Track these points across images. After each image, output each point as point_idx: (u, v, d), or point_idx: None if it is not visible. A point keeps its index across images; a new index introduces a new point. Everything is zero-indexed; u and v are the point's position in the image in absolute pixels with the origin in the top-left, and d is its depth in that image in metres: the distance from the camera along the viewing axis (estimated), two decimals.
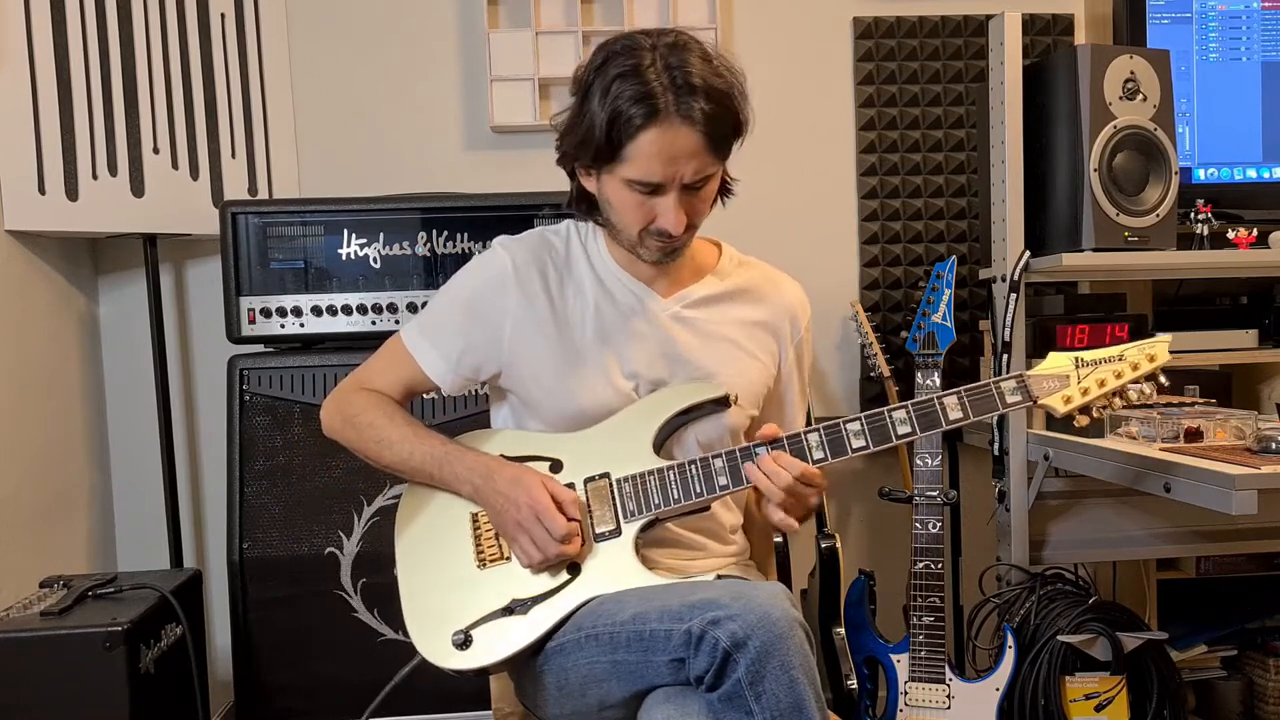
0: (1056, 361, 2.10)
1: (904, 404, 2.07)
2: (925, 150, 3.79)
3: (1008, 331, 2.97)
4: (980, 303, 3.74)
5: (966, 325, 3.61)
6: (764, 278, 2.34)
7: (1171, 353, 3.02)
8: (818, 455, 2.06)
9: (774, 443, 2.07)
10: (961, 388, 2.08)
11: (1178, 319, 3.13)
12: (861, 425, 2.07)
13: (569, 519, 2.05)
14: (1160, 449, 2.56)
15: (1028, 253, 3.00)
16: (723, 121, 2.04)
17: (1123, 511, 3.09)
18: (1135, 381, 2.09)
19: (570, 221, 2.31)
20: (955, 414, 2.07)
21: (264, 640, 3.08)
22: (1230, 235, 3.14)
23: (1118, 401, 2.09)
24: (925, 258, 3.78)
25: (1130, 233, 2.94)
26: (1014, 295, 3.00)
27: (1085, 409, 2.09)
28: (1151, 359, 2.09)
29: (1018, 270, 3.00)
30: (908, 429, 2.07)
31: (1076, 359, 2.09)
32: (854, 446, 2.07)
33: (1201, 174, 3.41)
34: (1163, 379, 2.11)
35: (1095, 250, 2.92)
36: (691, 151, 2.01)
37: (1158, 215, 2.97)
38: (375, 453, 2.22)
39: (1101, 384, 2.07)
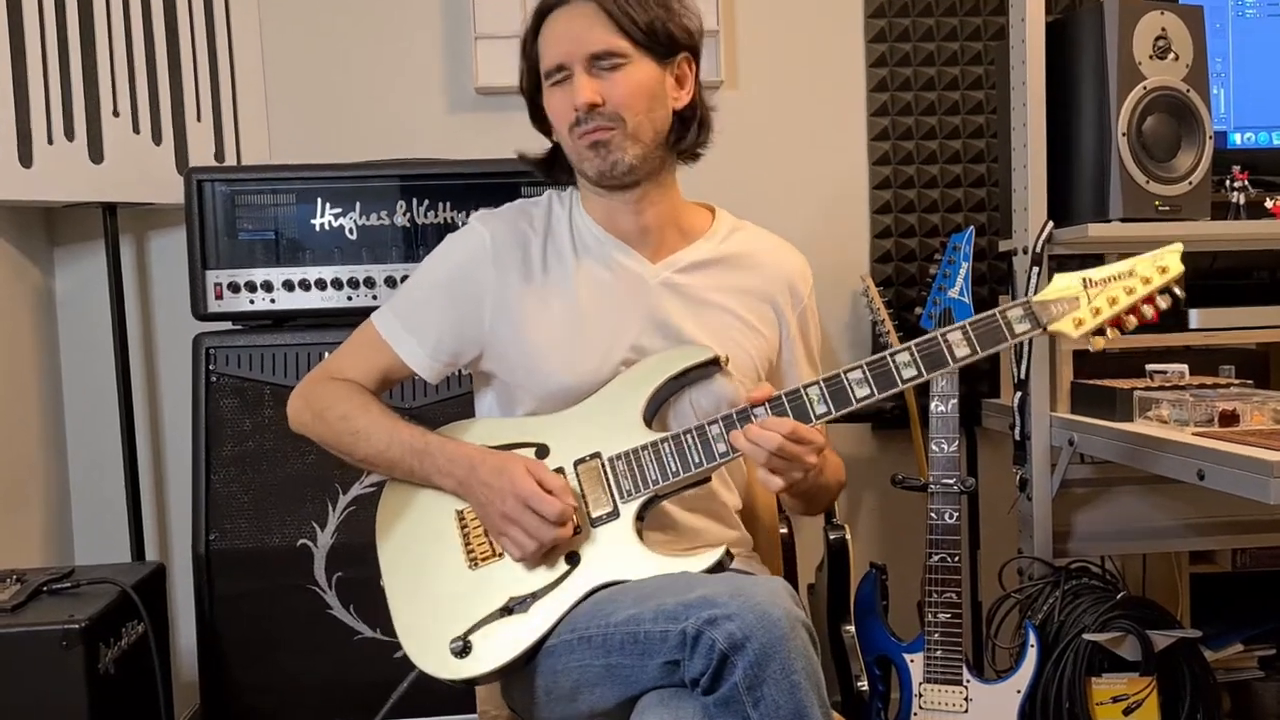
0: (1063, 283, 2.10)
1: (907, 345, 2.07)
2: (941, 113, 3.78)
3: None
4: (1000, 276, 3.73)
5: (985, 301, 3.60)
6: (760, 244, 2.36)
7: (1205, 330, 3.05)
8: (820, 409, 2.07)
9: (772, 401, 2.07)
10: (965, 321, 2.08)
11: (1212, 294, 3.10)
12: (864, 373, 2.07)
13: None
14: (1193, 433, 2.54)
15: (1051, 223, 2.98)
16: None
17: (1153, 501, 3.08)
18: (1148, 297, 2.08)
19: (551, 190, 2.34)
20: (962, 350, 2.06)
21: (232, 638, 3.07)
22: (1268, 204, 3.12)
23: (1131, 319, 2.09)
24: (941, 228, 3.77)
25: (1161, 201, 2.93)
26: (1036, 269, 2.99)
27: (1099, 330, 2.09)
28: (1164, 270, 2.08)
29: (1040, 242, 2.98)
30: (913, 371, 2.06)
31: (1084, 279, 2.09)
32: (858, 395, 2.07)
33: (1237, 138, 3.38)
34: (1177, 290, 2.10)
35: (1123, 220, 2.92)
36: (589, 23, 2.13)
37: (1190, 183, 2.96)
38: (349, 446, 2.22)
39: (1113, 302, 2.07)
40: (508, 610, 2.07)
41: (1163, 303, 2.10)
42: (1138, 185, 2.91)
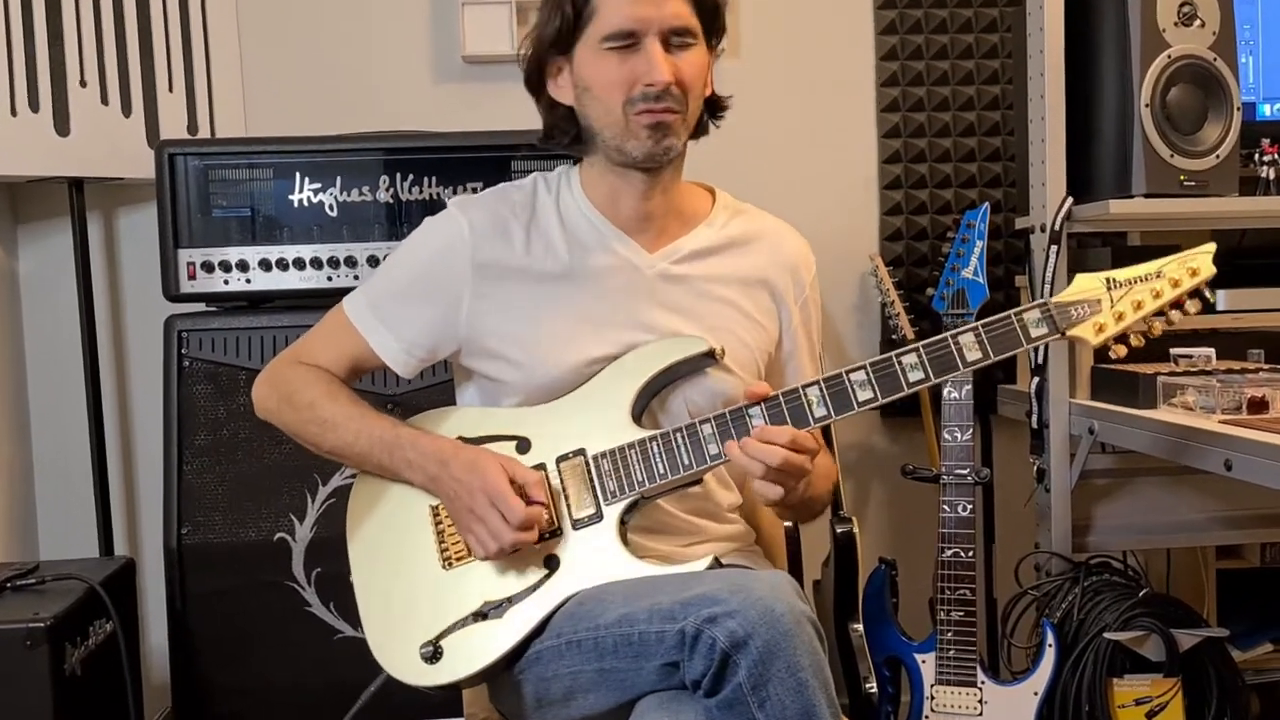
0: (1085, 284, 2.06)
1: (914, 346, 2.04)
2: (955, 83, 3.76)
3: (1048, 288, 2.95)
4: (1016, 255, 3.72)
5: (1001, 281, 3.61)
6: (762, 227, 2.33)
7: (1234, 312, 3.03)
8: (820, 412, 2.04)
9: (769, 402, 2.04)
10: (979, 323, 2.04)
11: (1240, 274, 3.07)
12: (867, 374, 2.04)
13: (532, 502, 2.02)
14: (1220, 421, 2.51)
15: (1070, 199, 2.98)
16: None
17: (1178, 492, 3.08)
18: (1177, 302, 2.05)
19: (537, 173, 2.30)
20: (973, 354, 2.03)
21: (205, 637, 3.05)
22: None
23: (1158, 325, 2.06)
24: (954, 205, 3.76)
25: (1186, 176, 2.92)
26: (1055, 247, 2.98)
27: (1122, 337, 2.06)
28: (1194, 273, 2.04)
29: (1059, 219, 2.97)
30: (920, 375, 2.04)
31: (1108, 279, 2.05)
32: (860, 399, 2.04)
33: (1267, 109, 3.36)
34: (1208, 294, 2.07)
35: (1147, 196, 2.91)
36: None
37: (1217, 157, 2.94)
38: (315, 436, 2.20)
39: (1138, 306, 2.03)
40: (481, 615, 2.06)
41: (1192, 307, 2.06)
42: (1161, 159, 2.90)
